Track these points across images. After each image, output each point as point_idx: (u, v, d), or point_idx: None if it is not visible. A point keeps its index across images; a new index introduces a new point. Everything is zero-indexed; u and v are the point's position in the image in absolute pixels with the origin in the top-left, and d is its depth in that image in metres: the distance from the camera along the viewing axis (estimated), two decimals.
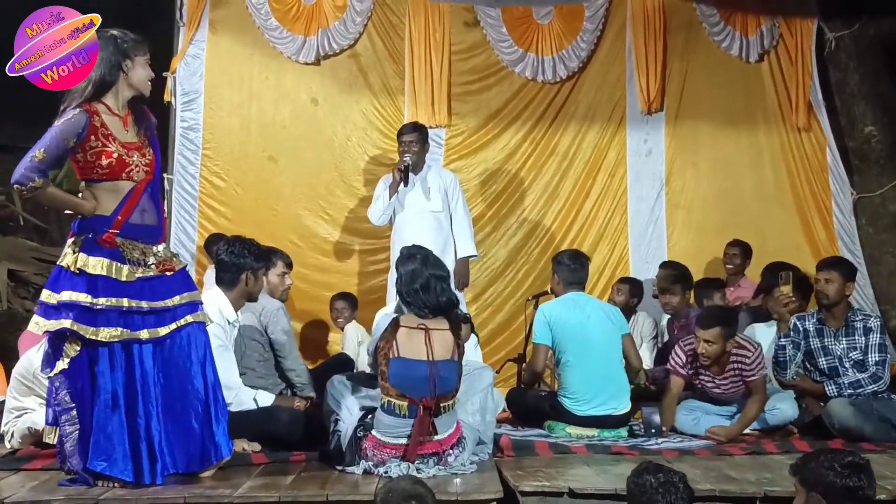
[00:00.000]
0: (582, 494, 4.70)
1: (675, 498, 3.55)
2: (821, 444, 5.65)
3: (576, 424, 6.21)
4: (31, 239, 10.22)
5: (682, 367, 6.39)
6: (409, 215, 7.79)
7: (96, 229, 4.62)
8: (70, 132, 4.53)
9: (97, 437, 4.57)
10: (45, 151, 4.49)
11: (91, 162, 4.60)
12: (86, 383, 4.61)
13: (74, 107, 4.59)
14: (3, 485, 4.79)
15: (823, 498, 3.46)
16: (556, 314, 6.44)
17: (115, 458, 4.57)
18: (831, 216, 9.23)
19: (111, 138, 4.62)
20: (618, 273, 8.98)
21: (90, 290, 4.54)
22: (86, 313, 4.54)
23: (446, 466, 4.97)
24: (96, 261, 4.57)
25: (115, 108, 4.70)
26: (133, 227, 4.70)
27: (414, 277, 5.22)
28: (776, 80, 9.37)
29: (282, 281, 6.43)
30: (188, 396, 4.76)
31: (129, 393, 4.64)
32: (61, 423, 4.62)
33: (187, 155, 8.79)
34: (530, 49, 9.18)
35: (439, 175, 8.01)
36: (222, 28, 8.94)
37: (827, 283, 6.38)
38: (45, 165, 4.52)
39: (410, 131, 7.89)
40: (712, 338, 6.14)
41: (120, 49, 4.67)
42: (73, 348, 4.58)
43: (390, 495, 3.55)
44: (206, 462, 4.78)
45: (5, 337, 8.59)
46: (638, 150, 9.31)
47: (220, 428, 4.82)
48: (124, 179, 4.66)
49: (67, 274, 4.57)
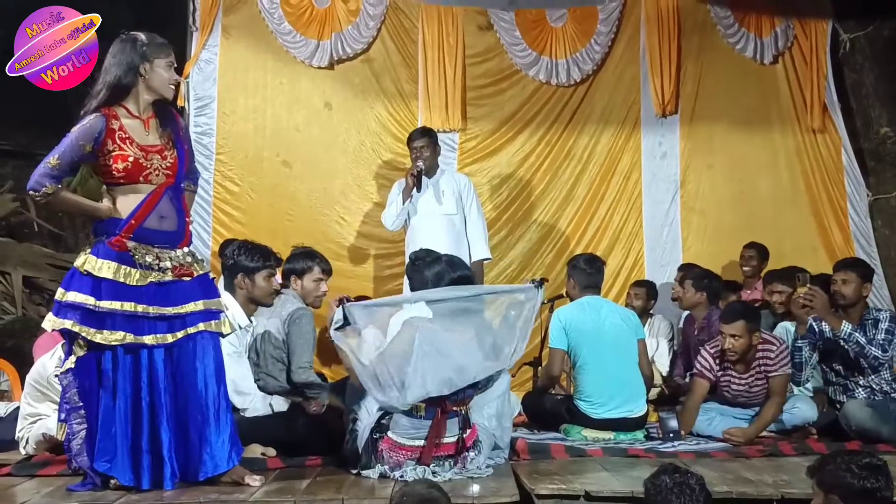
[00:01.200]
0: (598, 497, 4.67)
1: (691, 499, 3.52)
2: (838, 445, 5.61)
3: (592, 428, 6.18)
4: (45, 245, 10.23)
5: (709, 370, 6.35)
6: (423, 219, 7.76)
7: (109, 232, 4.61)
8: (86, 137, 4.52)
9: (101, 438, 4.57)
10: (59, 158, 4.49)
11: (108, 166, 4.58)
12: (93, 383, 4.61)
13: (91, 111, 4.58)
14: (18, 490, 4.80)
15: (841, 500, 3.44)
16: (572, 318, 6.42)
17: (116, 459, 4.57)
18: (847, 218, 9.21)
19: (129, 142, 4.60)
20: (633, 276, 8.96)
21: (94, 292, 4.54)
22: (90, 315, 4.54)
23: (462, 470, 4.95)
24: (104, 264, 4.56)
25: (136, 111, 4.68)
26: (148, 232, 4.66)
27: (440, 278, 5.26)
28: (791, 81, 9.36)
29: (316, 287, 6.20)
30: (189, 405, 4.71)
31: (133, 397, 4.63)
32: (70, 420, 4.63)
33: (201, 160, 8.77)
34: (544, 52, 9.19)
35: (453, 178, 7.99)
36: (235, 33, 8.97)
37: (844, 283, 6.34)
38: (58, 171, 4.50)
39: (420, 136, 7.87)
40: (738, 331, 6.12)
41: (138, 52, 4.64)
42: (81, 348, 4.59)
43: (405, 500, 3.52)
44: (201, 474, 4.70)
45: (20, 343, 8.60)
46: (653, 153, 9.31)
47: (221, 440, 4.74)
48: (142, 182, 4.64)
49: (77, 275, 4.58)
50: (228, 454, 4.75)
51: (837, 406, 6.33)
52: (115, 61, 4.62)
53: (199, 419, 4.71)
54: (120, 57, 4.62)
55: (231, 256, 5.79)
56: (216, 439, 4.73)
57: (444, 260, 5.38)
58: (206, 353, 4.76)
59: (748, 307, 6.57)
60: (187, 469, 4.70)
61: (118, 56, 4.62)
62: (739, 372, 6.28)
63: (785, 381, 6.20)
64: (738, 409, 6.35)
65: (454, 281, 5.22)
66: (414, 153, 7.77)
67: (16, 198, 10.23)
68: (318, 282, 6.19)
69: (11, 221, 10.30)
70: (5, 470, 5.30)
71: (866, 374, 6.28)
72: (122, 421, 4.59)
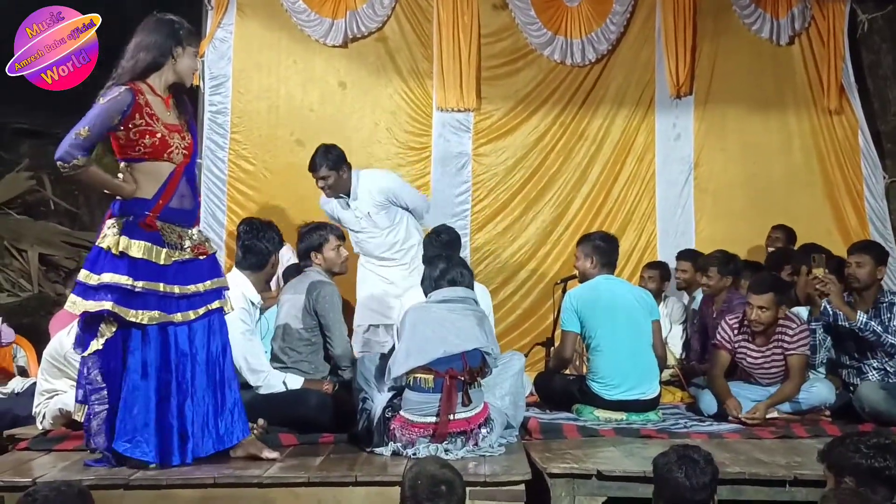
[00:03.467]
0: (610, 477, 4.70)
1: (696, 472, 3.54)
2: (851, 427, 5.60)
3: (604, 408, 6.17)
4: (61, 223, 10.27)
5: (727, 341, 6.33)
6: (361, 237, 7.33)
7: (137, 212, 4.63)
8: (116, 109, 4.52)
9: (123, 418, 4.61)
10: (89, 129, 4.47)
11: (134, 140, 4.59)
12: (118, 364, 4.64)
13: (120, 83, 4.58)
14: (34, 465, 4.85)
15: (855, 480, 3.46)
16: (584, 299, 6.40)
17: (138, 440, 4.62)
18: (863, 200, 9.16)
19: (155, 118, 4.62)
20: (646, 258, 8.95)
21: (131, 272, 4.57)
22: (125, 296, 4.57)
23: (475, 448, 4.97)
24: (137, 244, 4.59)
25: (159, 90, 4.71)
26: (172, 211, 4.72)
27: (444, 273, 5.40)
28: (807, 62, 9.29)
29: (338, 254, 6.18)
30: (207, 380, 4.80)
31: (162, 374, 4.68)
32: (91, 401, 4.65)
33: (216, 139, 8.83)
34: (559, 32, 9.15)
35: (368, 189, 7.20)
36: (250, 11, 8.97)
37: (858, 266, 6.32)
38: (89, 143, 4.49)
39: (318, 167, 7.10)
40: (766, 303, 6.07)
41: (174, 35, 4.69)
42: (110, 329, 4.61)
43: (419, 481, 3.52)
44: (218, 446, 4.82)
45: (37, 320, 8.65)
46: (667, 134, 9.28)
47: (234, 412, 4.87)
48: (165, 161, 4.66)
49: (108, 256, 4.58)
50: (243, 426, 4.88)
51: (851, 388, 6.33)
52: (152, 40, 4.65)
53: (215, 393, 4.81)
54: (156, 36, 4.65)
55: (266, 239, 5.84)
56: (229, 412, 4.84)
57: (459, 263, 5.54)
58: (221, 329, 4.88)
59: (778, 279, 6.50)
60: (205, 443, 4.78)
61: (154, 35, 4.65)
62: (757, 345, 6.24)
63: (803, 361, 6.15)
64: (755, 389, 6.32)
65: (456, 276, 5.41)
66: (318, 183, 7.16)
67: (32, 176, 10.29)
68: (337, 249, 6.19)
69: (27, 199, 10.35)
70: (23, 444, 5.37)
71: (880, 356, 6.27)
72: (152, 399, 4.65)
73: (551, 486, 4.70)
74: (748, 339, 6.26)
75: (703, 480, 3.55)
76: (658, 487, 3.70)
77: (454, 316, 5.15)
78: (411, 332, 5.08)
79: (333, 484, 4.55)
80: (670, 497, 3.60)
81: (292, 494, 4.52)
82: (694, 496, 3.55)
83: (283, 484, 4.53)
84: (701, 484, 3.55)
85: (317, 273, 6.08)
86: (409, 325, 5.12)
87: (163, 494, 4.48)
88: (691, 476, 3.54)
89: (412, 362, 4.98)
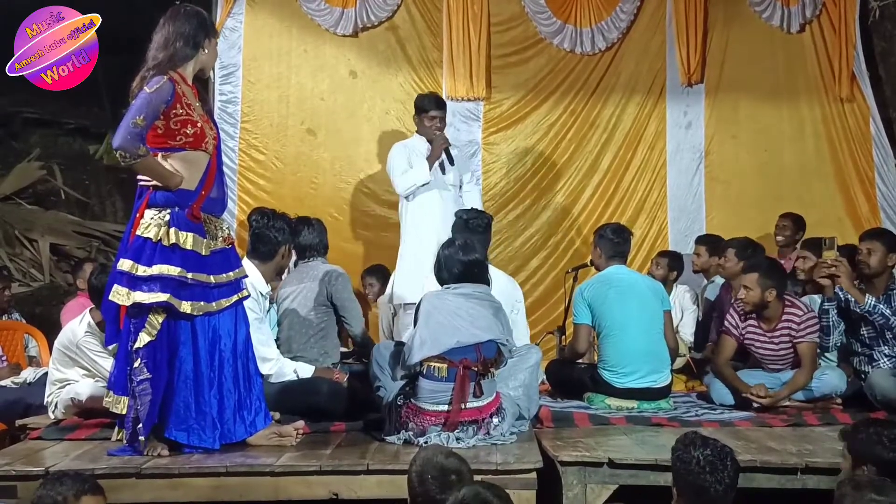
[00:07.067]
0: (621, 465, 4.70)
1: (724, 475, 3.42)
2: (863, 415, 5.56)
3: (615, 396, 6.18)
4: (72, 213, 10.31)
5: (735, 327, 6.33)
6: (434, 191, 7.39)
7: (182, 203, 4.66)
8: (161, 99, 4.54)
9: (177, 408, 4.67)
10: (144, 118, 4.49)
11: (175, 130, 4.61)
12: (164, 355, 4.67)
13: (160, 73, 4.59)
14: (47, 454, 4.87)
15: (876, 468, 3.47)
16: (594, 291, 6.39)
17: (194, 427, 4.69)
18: (874, 188, 9.11)
19: (192, 107, 4.67)
20: (657, 246, 8.94)
21: (184, 264, 4.61)
22: (177, 287, 4.61)
23: (486, 437, 4.98)
24: (188, 235, 4.63)
25: (189, 80, 4.75)
26: (211, 201, 4.79)
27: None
28: (818, 50, 9.23)
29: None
30: (243, 368, 4.88)
31: (207, 363, 4.73)
32: (137, 392, 4.64)
33: (226, 129, 8.81)
34: (569, 21, 9.12)
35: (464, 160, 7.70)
36: (260, 0, 8.95)
37: (869, 253, 6.30)
38: (146, 132, 4.53)
39: (439, 107, 7.43)
40: (750, 283, 6.11)
41: (204, 27, 4.75)
42: (157, 321, 4.63)
43: (426, 471, 3.50)
44: (245, 433, 4.89)
45: (48, 310, 8.70)
46: (678, 123, 9.24)
47: (260, 400, 4.96)
48: (202, 150, 4.71)
49: (158, 247, 4.60)
50: (266, 413, 4.97)
51: (862, 376, 6.31)
52: (185, 30, 4.68)
53: (244, 381, 4.89)
54: (188, 27, 4.69)
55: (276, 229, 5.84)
56: (255, 399, 4.93)
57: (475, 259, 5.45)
58: (245, 318, 4.96)
59: (771, 263, 6.47)
60: (237, 428, 4.86)
61: (186, 25, 4.69)
62: (764, 330, 6.24)
63: (812, 348, 6.14)
64: (768, 375, 6.30)
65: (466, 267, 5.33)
66: (429, 122, 7.38)
67: (43, 165, 10.32)
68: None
69: (38, 189, 10.38)
70: (35, 434, 5.40)
71: (891, 343, 6.26)
72: (202, 388, 4.71)
73: (563, 474, 4.70)
74: (755, 324, 6.26)
75: (729, 484, 3.44)
76: (680, 487, 3.54)
77: (469, 304, 5.14)
78: (426, 321, 5.08)
79: (345, 472, 4.56)
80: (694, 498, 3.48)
81: (304, 483, 4.54)
82: (720, 500, 3.44)
83: (295, 472, 4.55)
84: (726, 489, 3.43)
85: (322, 262, 6.22)
86: (424, 313, 5.12)
87: (175, 483, 4.50)
88: (721, 481, 3.41)
89: (426, 351, 4.98)
